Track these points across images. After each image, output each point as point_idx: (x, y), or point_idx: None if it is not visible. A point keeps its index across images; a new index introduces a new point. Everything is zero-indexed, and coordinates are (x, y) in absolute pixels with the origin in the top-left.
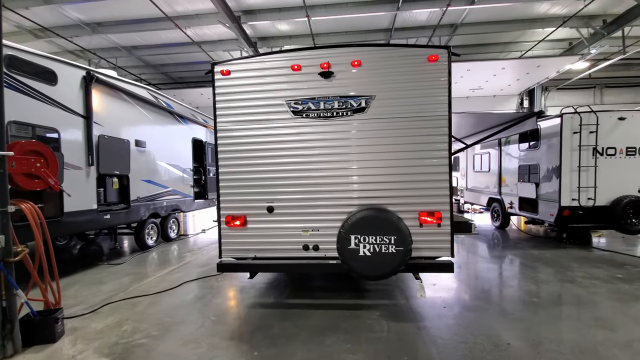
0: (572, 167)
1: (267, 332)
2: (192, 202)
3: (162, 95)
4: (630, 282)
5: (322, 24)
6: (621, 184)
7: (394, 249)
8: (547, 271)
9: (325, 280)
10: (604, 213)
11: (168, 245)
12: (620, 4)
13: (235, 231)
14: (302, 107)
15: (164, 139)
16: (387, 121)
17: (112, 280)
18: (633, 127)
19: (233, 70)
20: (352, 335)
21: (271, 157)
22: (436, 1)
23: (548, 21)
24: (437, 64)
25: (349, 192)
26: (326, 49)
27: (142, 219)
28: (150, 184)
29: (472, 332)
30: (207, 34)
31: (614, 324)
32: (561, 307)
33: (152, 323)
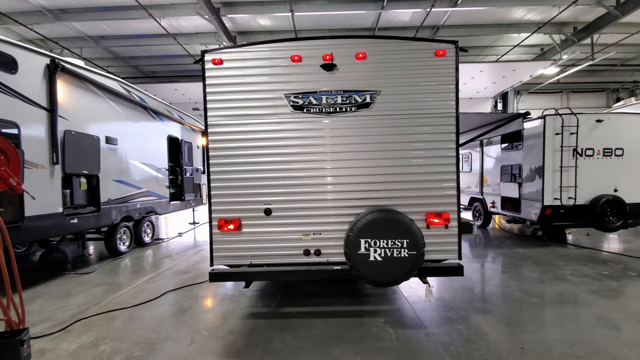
0: (555, 168)
1: (268, 346)
2: (168, 204)
3: (135, 89)
4: (617, 279)
5: (304, 20)
6: (599, 184)
7: (407, 253)
8: (538, 270)
9: (320, 285)
10: (583, 212)
11: (142, 250)
12: (591, 12)
13: (228, 236)
14: (303, 101)
15: (138, 136)
16: (392, 118)
17: (82, 292)
18: (609, 130)
19: (226, 59)
20: (359, 346)
21: (269, 155)
22: (421, 2)
23: (523, 27)
24: (445, 59)
25: (353, 193)
26: (329, 39)
27: (114, 222)
28: (122, 184)
29: (482, 337)
30: (183, 26)
31: (616, 322)
32: (561, 306)
33: (134, 341)
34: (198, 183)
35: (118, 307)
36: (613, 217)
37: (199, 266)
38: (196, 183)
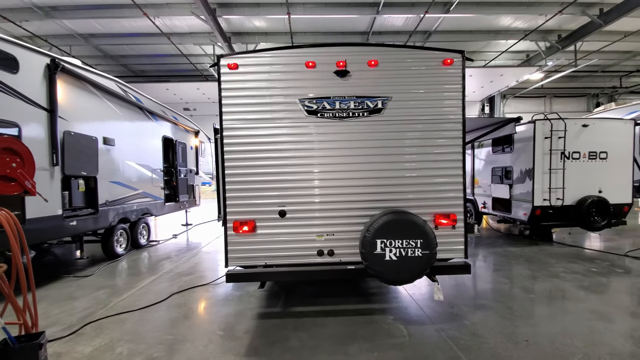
0: (544, 170)
1: (285, 345)
2: (163, 206)
3: (130, 89)
4: (605, 275)
5: (300, 22)
6: (585, 185)
7: (420, 253)
8: (532, 267)
9: (325, 286)
10: (570, 212)
11: (139, 252)
12: (574, 21)
13: (243, 237)
14: (317, 106)
15: (134, 137)
16: (403, 123)
17: (85, 295)
18: (594, 134)
19: (241, 64)
20: (374, 343)
21: (283, 159)
22: (414, 8)
23: (510, 34)
24: (452, 67)
25: (365, 195)
26: (342, 46)
27: (111, 224)
28: (119, 185)
29: (488, 332)
30: (177, 25)
31: (609, 316)
32: (557, 302)
33: (150, 343)
34: (192, 184)
35: (126, 310)
36: (598, 217)
37: (200, 268)
38: (190, 184)
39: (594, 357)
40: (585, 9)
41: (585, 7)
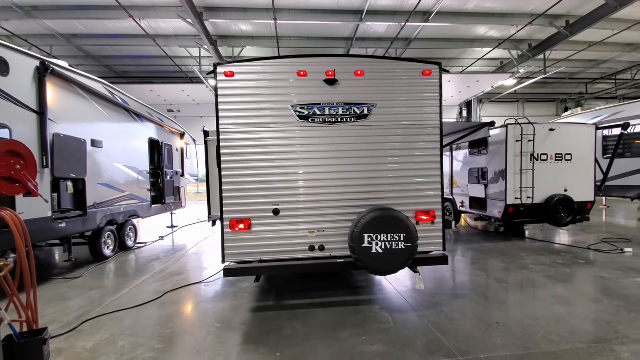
0: (516, 171)
1: (281, 334)
2: (150, 208)
3: (117, 91)
4: (569, 267)
5: (286, 28)
6: (552, 185)
7: (403, 246)
8: (505, 260)
9: (315, 280)
10: (540, 209)
11: (126, 254)
12: (543, 31)
13: (239, 235)
14: (308, 112)
15: (121, 139)
16: (387, 128)
17: (77, 295)
18: (560, 137)
19: (237, 72)
20: (363, 329)
21: (277, 161)
22: (396, 16)
23: (485, 42)
24: (430, 78)
25: (353, 194)
26: (332, 57)
27: (99, 226)
28: (107, 187)
29: (465, 317)
30: (162, 27)
31: (570, 301)
32: (526, 290)
33: (150, 337)
34: (178, 186)
35: (122, 308)
36: (564, 214)
37: (190, 268)
38: (176, 186)
39: (555, 334)
40: (553, 20)
41: (553, 19)
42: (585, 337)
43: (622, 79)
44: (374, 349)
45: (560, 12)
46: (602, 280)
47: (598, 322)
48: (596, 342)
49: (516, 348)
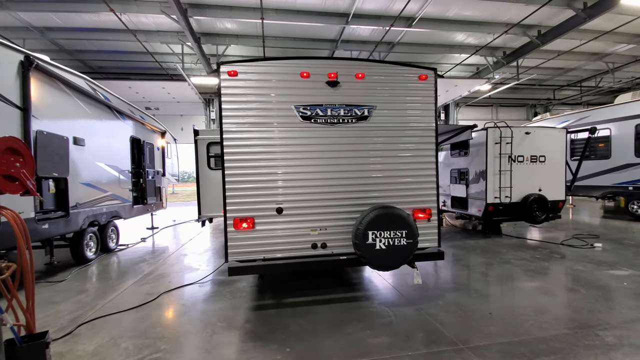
0: (495, 171)
1: (286, 330)
2: (132, 208)
3: (99, 87)
4: (547, 260)
5: (272, 27)
6: (528, 185)
7: (405, 242)
8: (487, 256)
9: (314, 278)
10: (517, 208)
11: (109, 257)
12: (517, 40)
13: (243, 234)
14: (311, 112)
15: (103, 137)
16: (386, 129)
17: (66, 299)
18: (535, 140)
19: (240, 71)
20: (366, 323)
21: (281, 160)
22: (380, 20)
23: (463, 49)
24: (426, 82)
25: (353, 193)
26: (334, 60)
27: (82, 228)
28: (89, 187)
29: (460, 308)
30: (144, 23)
31: (552, 291)
32: (511, 282)
33: (153, 337)
34: (159, 186)
35: (117, 310)
36: (539, 212)
37: (181, 269)
38: (157, 186)
39: (543, 322)
40: (526, 30)
41: (526, 29)
42: (570, 324)
43: (586, 86)
44: (380, 341)
45: (533, 23)
46: (578, 273)
47: (580, 311)
48: (581, 328)
49: (510, 335)
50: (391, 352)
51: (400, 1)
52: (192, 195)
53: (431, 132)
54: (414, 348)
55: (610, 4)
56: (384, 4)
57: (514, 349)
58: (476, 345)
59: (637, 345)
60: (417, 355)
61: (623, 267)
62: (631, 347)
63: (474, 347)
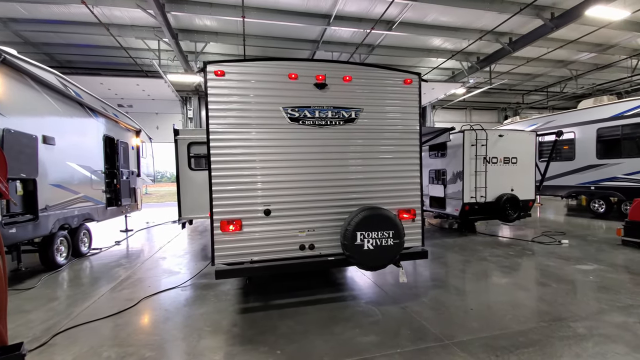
0: (471, 172)
1: (276, 332)
2: (105, 210)
3: (70, 83)
4: (520, 257)
5: (253, 26)
6: (501, 185)
7: (392, 242)
8: (465, 254)
9: (301, 280)
10: (491, 207)
11: (81, 261)
12: (490, 46)
13: (230, 236)
14: (299, 114)
15: (74, 135)
16: (372, 132)
17: (37, 307)
18: (507, 143)
19: (228, 71)
20: (354, 322)
21: (268, 161)
22: (361, 23)
23: (440, 53)
24: (411, 86)
25: (341, 194)
26: (322, 62)
27: (52, 231)
28: (60, 189)
29: (443, 305)
30: (117, 16)
31: (526, 286)
32: (489, 278)
33: (137, 345)
34: (134, 187)
35: (95, 318)
36: (511, 211)
37: (160, 272)
38: (132, 187)
39: (520, 316)
40: (498, 37)
41: (499, 36)
42: (545, 317)
43: (552, 91)
44: (369, 340)
45: (505, 30)
46: (549, 268)
47: (552, 304)
48: (554, 320)
49: (491, 329)
50: (381, 350)
51: (381, 5)
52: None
53: (415, 134)
54: (402, 345)
55: (576, 14)
56: (365, 7)
57: (495, 342)
58: (460, 340)
59: (606, 335)
60: (405, 352)
61: (588, 262)
62: (600, 337)
63: (459, 342)
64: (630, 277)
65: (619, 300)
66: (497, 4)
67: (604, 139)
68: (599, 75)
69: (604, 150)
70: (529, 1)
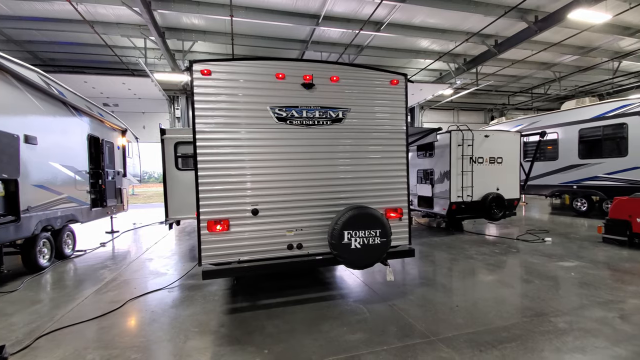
0: (458, 172)
1: (264, 332)
2: (90, 211)
3: (53, 81)
4: (505, 255)
5: (241, 25)
6: (487, 184)
7: (379, 241)
8: (452, 252)
9: (289, 279)
10: (477, 206)
11: (65, 264)
12: (477, 48)
13: (217, 236)
14: (286, 114)
15: (58, 135)
16: (360, 132)
17: (19, 310)
18: (493, 143)
19: (214, 70)
20: (342, 320)
21: (256, 161)
22: (350, 24)
23: (428, 54)
24: (398, 87)
25: (329, 194)
26: (309, 62)
27: (34, 233)
28: (42, 189)
29: (430, 302)
30: (102, 14)
31: (511, 283)
32: (475, 276)
33: (122, 347)
34: (119, 187)
35: (80, 321)
36: (497, 210)
37: (146, 274)
38: (117, 187)
39: (504, 312)
40: (484, 39)
41: (485, 38)
42: (527, 312)
43: (537, 93)
44: (356, 337)
45: (491, 33)
46: (532, 265)
47: (535, 300)
48: (536, 315)
49: (476, 325)
50: (368, 348)
51: (370, 6)
52: (153, 197)
53: (402, 134)
54: (389, 342)
55: (559, 18)
56: (354, 8)
57: (479, 337)
58: (446, 337)
59: (586, 329)
60: (392, 349)
61: (570, 259)
62: (580, 331)
63: (444, 338)
64: (610, 274)
65: (599, 296)
66: (483, 7)
67: (586, 139)
68: (581, 77)
69: (585, 151)
70: (513, 4)
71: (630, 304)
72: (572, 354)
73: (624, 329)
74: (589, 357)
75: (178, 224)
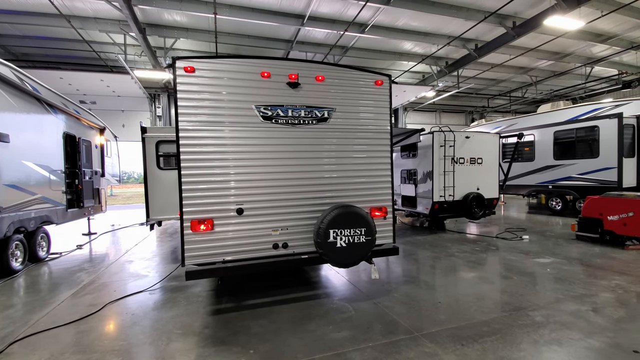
0: (440, 172)
1: (249, 332)
2: (65, 212)
3: (27, 77)
4: (485, 252)
5: (225, 23)
6: (468, 184)
7: (364, 239)
8: (435, 250)
9: (274, 279)
10: (459, 205)
11: (39, 267)
12: (458, 52)
13: (201, 236)
14: (272, 113)
15: (31, 133)
16: (345, 131)
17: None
18: (474, 144)
19: (198, 68)
20: (328, 319)
21: (240, 160)
22: (335, 24)
23: (411, 57)
24: (382, 87)
25: (314, 193)
26: (295, 61)
27: (6, 235)
28: (15, 189)
29: (414, 299)
30: (79, 8)
31: (491, 279)
32: (457, 273)
33: (102, 351)
34: (97, 188)
35: (56, 325)
36: (477, 209)
37: (126, 276)
38: (95, 188)
39: (484, 307)
40: (465, 43)
41: (466, 42)
42: (506, 307)
43: (514, 96)
44: (342, 335)
45: (471, 37)
46: (511, 262)
47: (513, 295)
48: (515, 310)
49: (458, 320)
50: (353, 345)
51: (354, 7)
52: (133, 198)
53: (386, 134)
54: (374, 339)
55: (535, 24)
56: (339, 9)
57: (461, 332)
58: (429, 332)
59: (561, 322)
60: (377, 345)
61: (546, 255)
62: (556, 324)
63: (427, 334)
64: (583, 269)
65: (573, 290)
66: (464, 12)
67: (560, 141)
68: (556, 82)
69: (560, 152)
70: (492, 9)
71: (602, 297)
72: (548, 346)
73: (597, 321)
74: (565, 348)
75: (159, 225)
